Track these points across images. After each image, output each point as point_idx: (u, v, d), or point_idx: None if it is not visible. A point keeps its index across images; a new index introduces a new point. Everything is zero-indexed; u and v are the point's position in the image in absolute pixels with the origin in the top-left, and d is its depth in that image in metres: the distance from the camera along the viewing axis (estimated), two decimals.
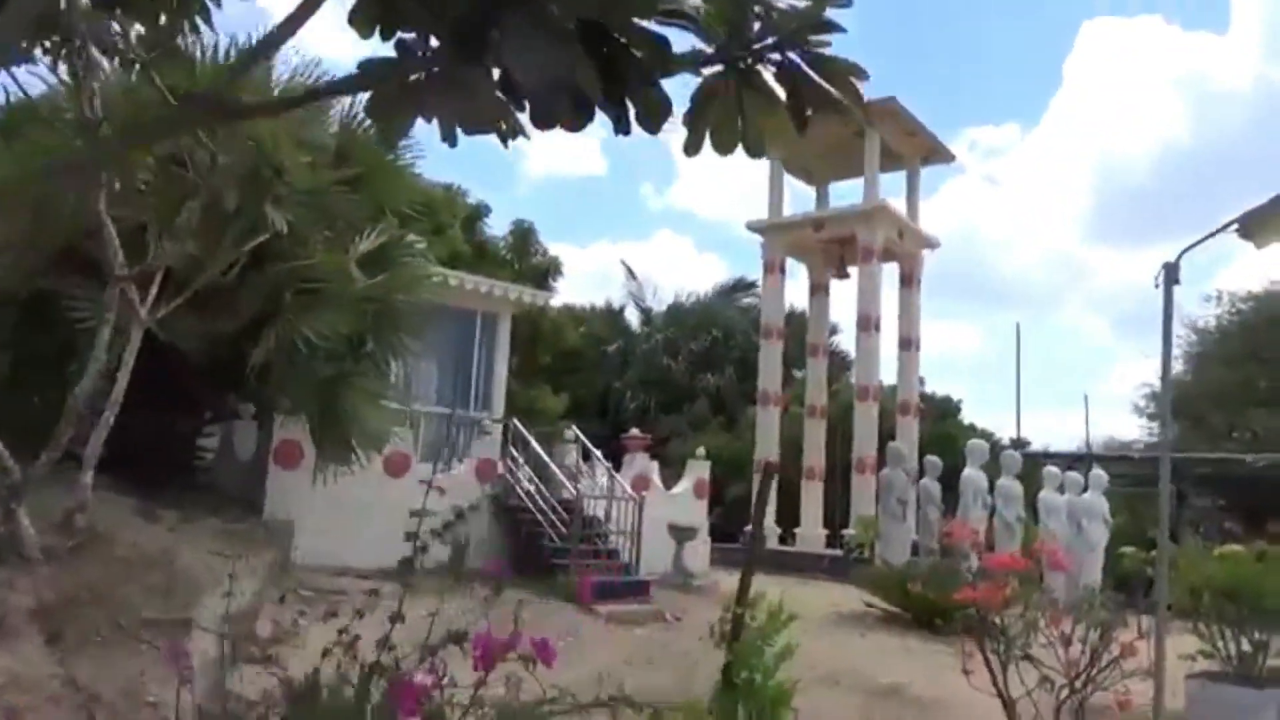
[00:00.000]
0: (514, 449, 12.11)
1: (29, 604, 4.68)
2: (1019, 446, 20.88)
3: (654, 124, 2.12)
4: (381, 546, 10.17)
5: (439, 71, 2.14)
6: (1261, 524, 11.18)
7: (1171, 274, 3.65)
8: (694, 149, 2.72)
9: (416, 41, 2.14)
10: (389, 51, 2.05)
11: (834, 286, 20.55)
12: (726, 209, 61.89)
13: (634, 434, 13.90)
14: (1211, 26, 63.26)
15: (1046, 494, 13.42)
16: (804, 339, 20.97)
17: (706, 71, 2.44)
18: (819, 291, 20.59)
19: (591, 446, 12.39)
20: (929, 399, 24.35)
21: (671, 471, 14.67)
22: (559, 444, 13.25)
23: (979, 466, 13.22)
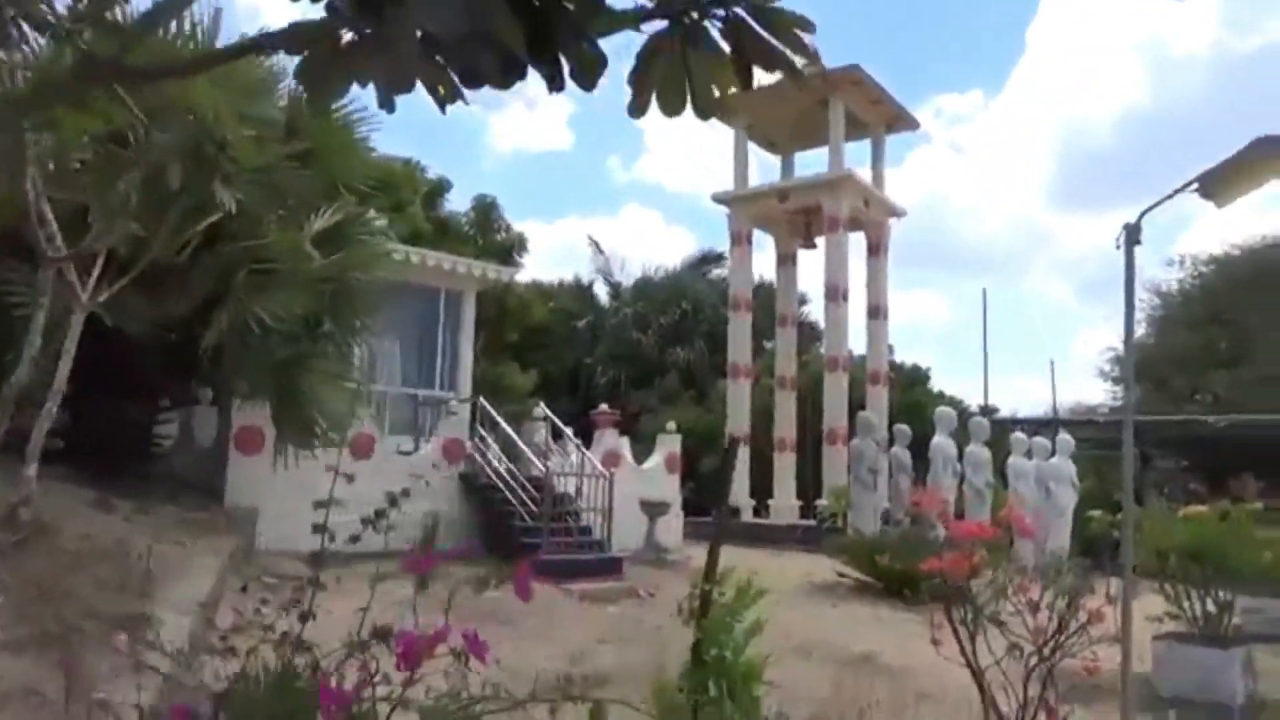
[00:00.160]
0: (482, 428, 11.98)
1: None
2: (987, 413, 21.06)
3: (588, 81, 1.99)
4: (348, 531, 10.09)
5: (370, 33, 2.01)
6: (1224, 484, 11.35)
7: (1132, 235, 3.60)
8: (640, 110, 2.58)
9: (345, 3, 2.00)
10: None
11: (802, 257, 20.54)
12: (694, 181, 61.74)
13: (603, 410, 13.80)
14: None
15: (1015, 460, 13.52)
16: (773, 310, 20.95)
17: (649, 28, 2.32)
18: (786, 262, 20.55)
19: (560, 423, 12.26)
20: (898, 368, 24.46)
21: (643, 447, 14.61)
22: (528, 422, 13.12)
23: (948, 434, 13.28)
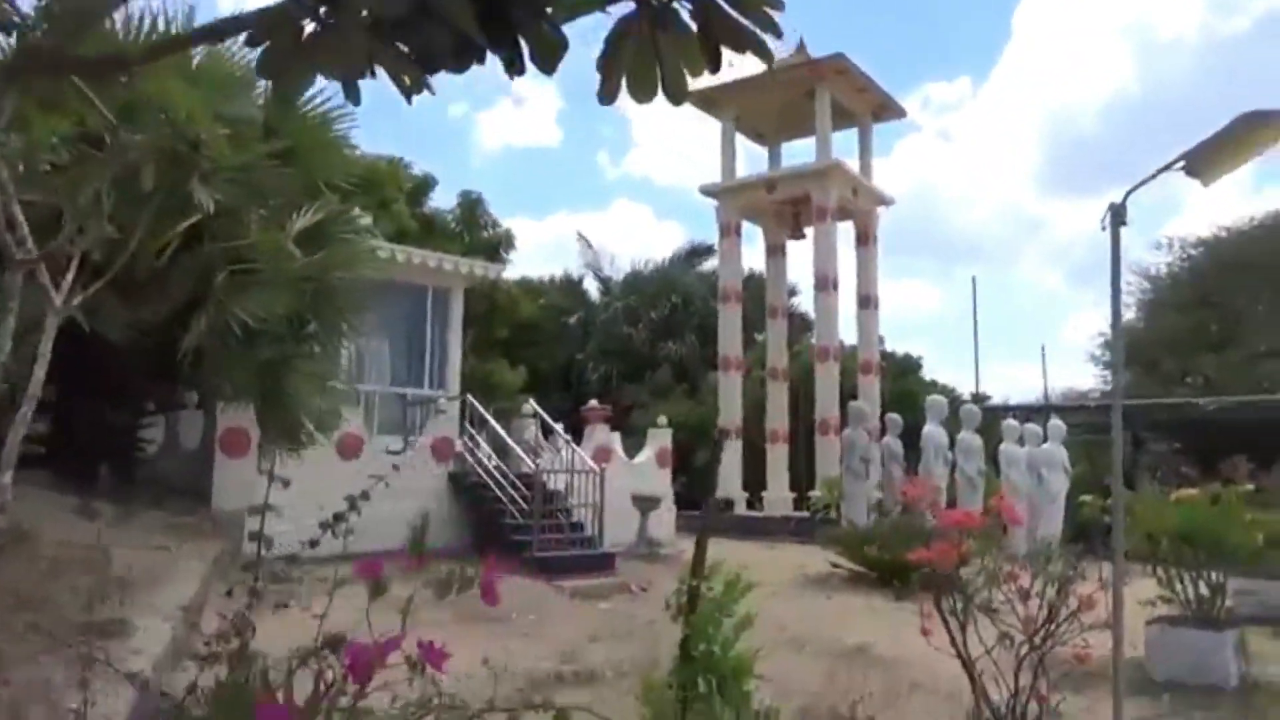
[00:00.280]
0: (471, 426, 11.91)
1: None
2: (979, 401, 21.06)
3: (548, 64, 1.92)
4: (337, 532, 10.03)
5: (333, 22, 1.94)
6: (1216, 466, 11.34)
7: (1118, 216, 3.54)
8: (609, 96, 2.52)
9: None
10: None
11: (792, 248, 20.50)
12: (684, 175, 61.66)
13: (594, 405, 13.74)
14: None
15: (1007, 446, 13.51)
16: (764, 302, 20.90)
17: (616, 11, 2.26)
18: (776, 253, 20.50)
19: (550, 420, 12.20)
20: (889, 357, 24.44)
21: (635, 441, 14.56)
22: (517, 419, 13.05)
23: (939, 422, 13.25)
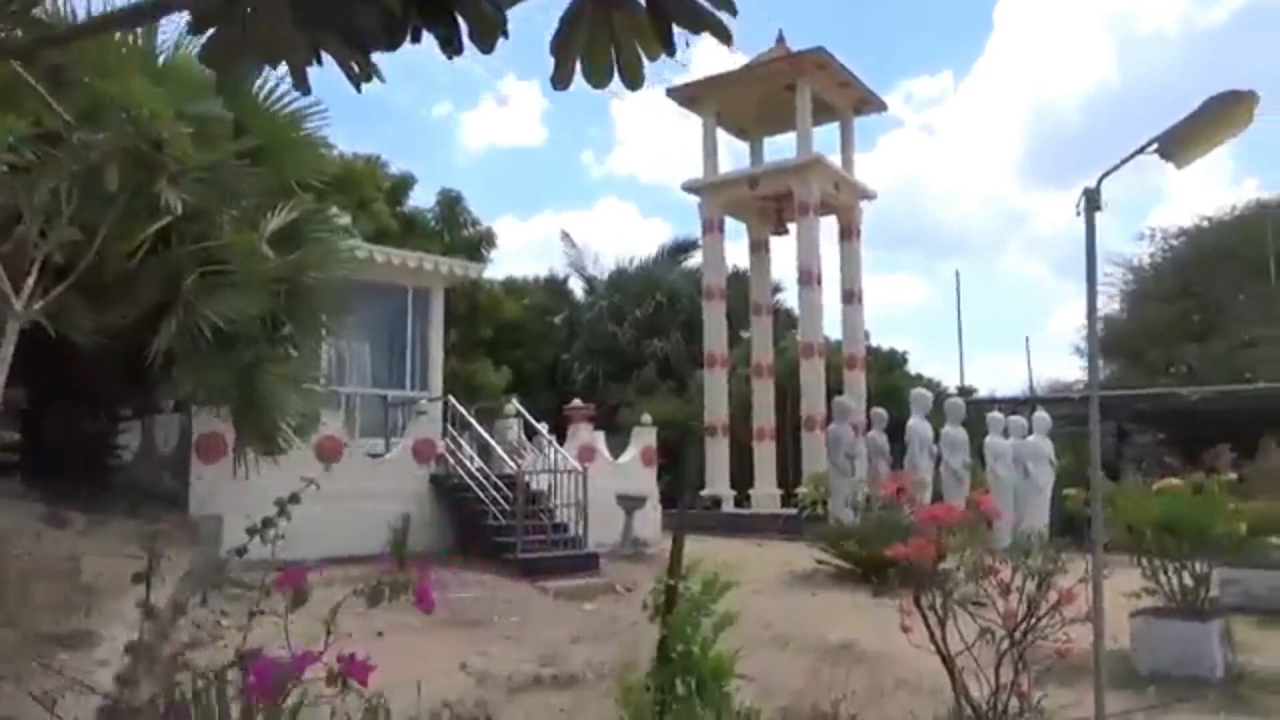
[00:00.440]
0: (453, 427, 11.79)
1: None
2: (965, 394, 21.07)
3: (485, 43, 1.83)
4: (316, 537, 9.88)
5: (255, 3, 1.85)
6: (1200, 456, 11.35)
7: (1092, 201, 3.48)
8: (563, 81, 2.43)
9: None
10: None
11: (776, 244, 20.43)
12: (669, 172, 61.55)
13: (577, 405, 13.64)
14: None
15: (992, 439, 13.49)
16: (749, 299, 20.83)
17: None
18: (759, 249, 20.44)
19: (532, 420, 12.09)
20: (875, 352, 24.43)
21: (622, 440, 14.45)
22: (499, 419, 12.94)
23: (923, 416, 13.22)
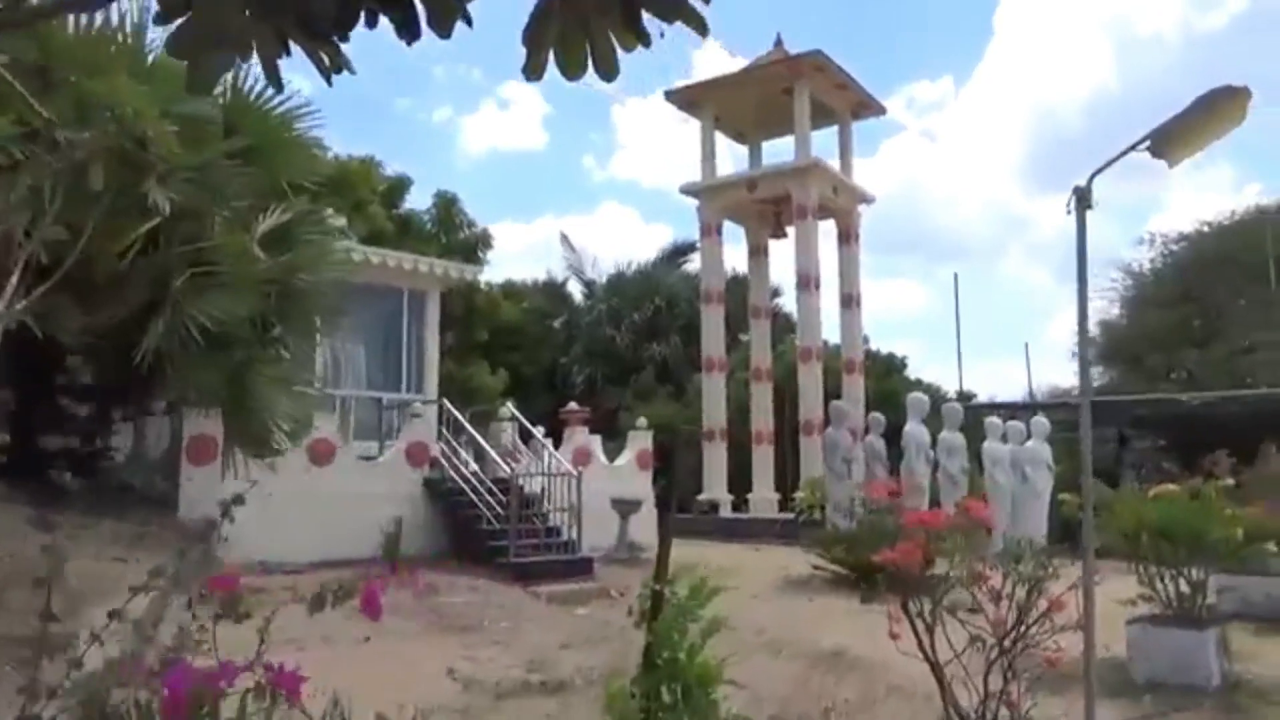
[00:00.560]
0: (447, 430, 11.73)
1: None
2: (964, 399, 20.99)
3: (443, 27, 1.77)
4: (309, 540, 9.84)
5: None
6: (1199, 462, 11.27)
7: (1083, 198, 3.42)
8: (535, 73, 2.37)
9: None
10: None
11: (775, 248, 20.39)
12: (671, 177, 61.51)
13: (572, 408, 13.58)
14: None
15: (990, 444, 13.40)
16: (748, 303, 20.77)
17: None
18: (758, 253, 20.39)
19: (527, 423, 12.03)
20: (874, 356, 24.36)
21: (620, 444, 14.39)
22: (494, 423, 12.88)
23: (920, 420, 13.15)
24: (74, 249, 6.02)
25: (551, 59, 2.43)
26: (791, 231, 18.58)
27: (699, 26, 2.38)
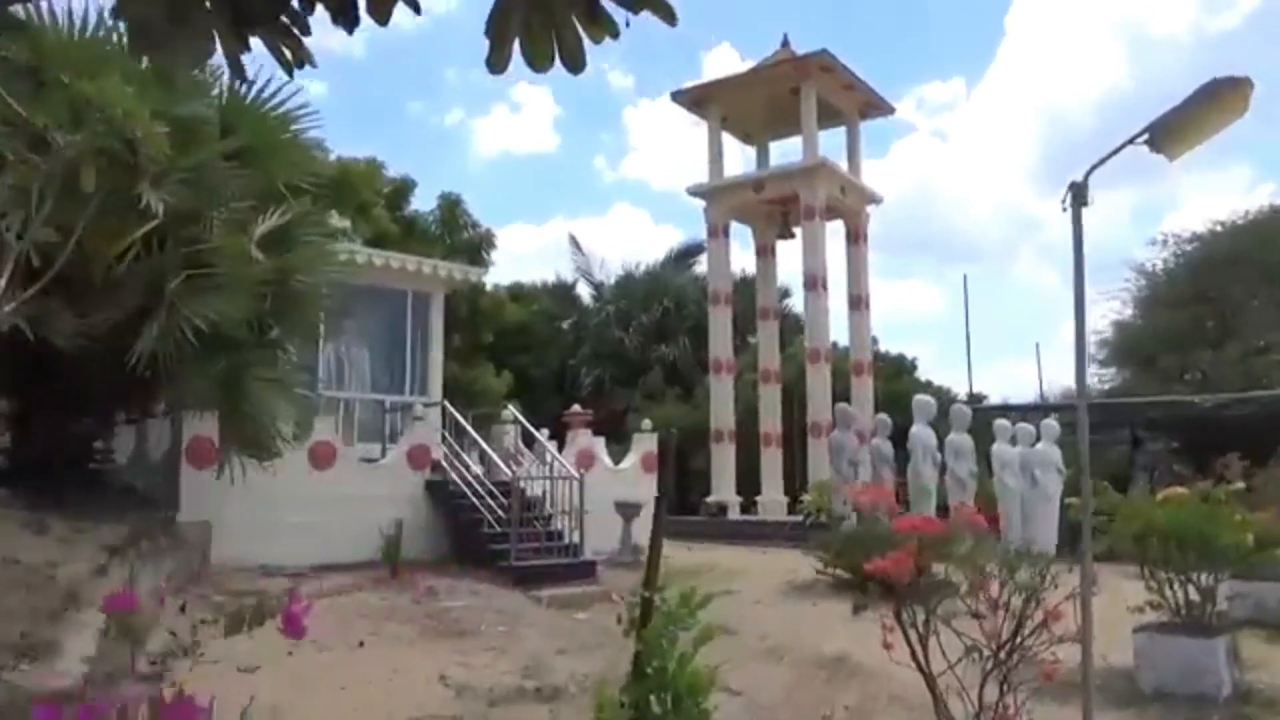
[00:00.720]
0: (449, 433, 11.67)
1: None
2: (975, 401, 20.80)
3: (380, 14, 1.70)
4: (310, 543, 9.79)
5: None
6: (1212, 464, 11.08)
7: (1079, 195, 3.31)
8: (499, 65, 2.29)
9: None
10: None
11: (784, 249, 20.27)
12: (681, 178, 61.29)
13: (575, 410, 13.50)
14: None
15: (999, 447, 13.23)
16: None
17: None
18: (765, 254, 20.27)
19: (529, 426, 11.95)
20: (883, 358, 24.19)
21: (628, 446, 14.28)
22: (496, 425, 12.81)
23: (927, 423, 13.00)
24: (64, 251, 5.99)
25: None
26: (799, 232, 18.45)
27: (667, 16, 2.30)
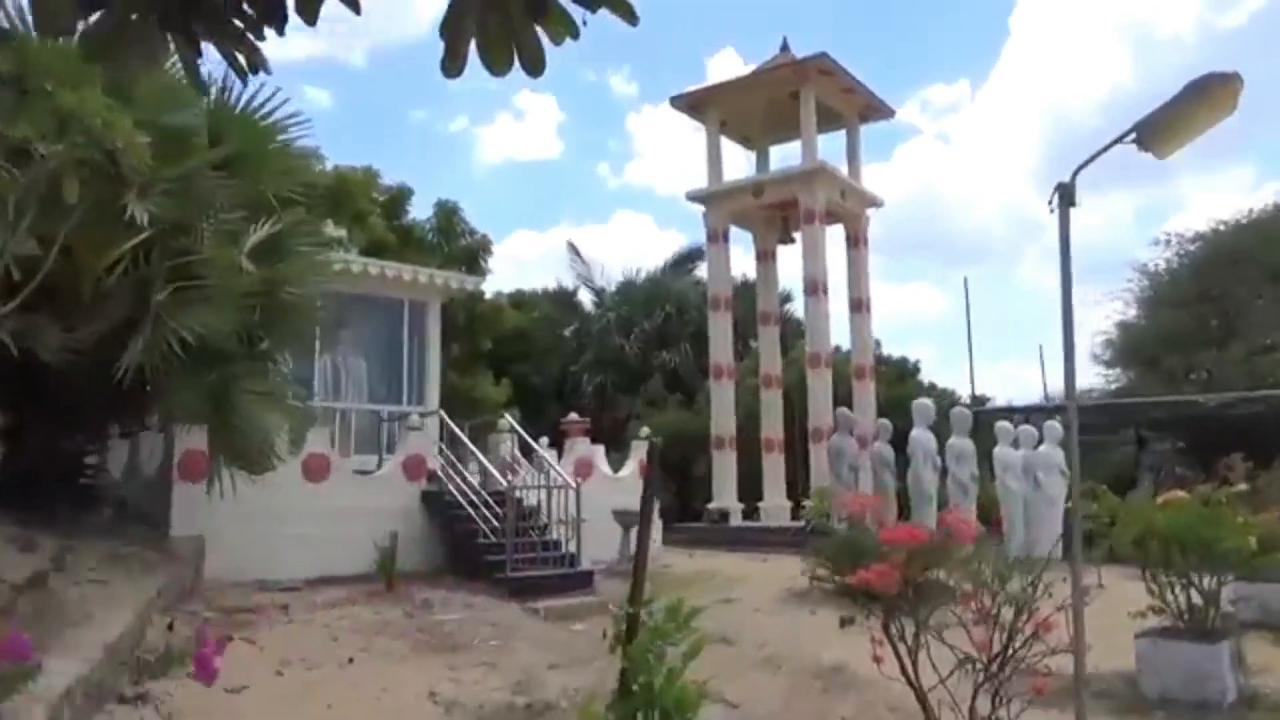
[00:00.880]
0: (445, 443, 11.59)
1: None
2: (978, 403, 20.67)
3: (308, 13, 1.62)
4: (304, 556, 9.71)
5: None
6: (1215, 465, 10.96)
7: (1066, 195, 3.22)
8: (455, 67, 2.22)
9: None
10: None
11: (784, 253, 20.17)
12: (684, 184, 61.16)
13: (573, 418, 13.42)
14: None
15: (1001, 450, 13.11)
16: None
17: None
18: (765, 259, 20.17)
19: (526, 435, 11.86)
20: (886, 361, 24.06)
21: (628, 454, 14.17)
22: (493, 434, 12.73)
23: (927, 426, 12.88)
24: (47, 263, 5.93)
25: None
26: (799, 237, 18.36)
27: (626, 14, 2.23)
